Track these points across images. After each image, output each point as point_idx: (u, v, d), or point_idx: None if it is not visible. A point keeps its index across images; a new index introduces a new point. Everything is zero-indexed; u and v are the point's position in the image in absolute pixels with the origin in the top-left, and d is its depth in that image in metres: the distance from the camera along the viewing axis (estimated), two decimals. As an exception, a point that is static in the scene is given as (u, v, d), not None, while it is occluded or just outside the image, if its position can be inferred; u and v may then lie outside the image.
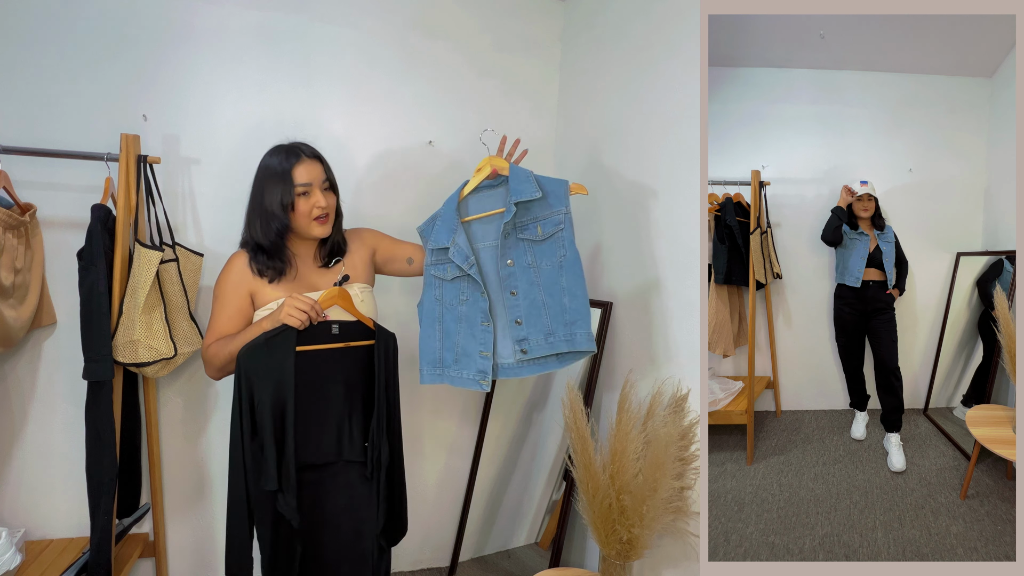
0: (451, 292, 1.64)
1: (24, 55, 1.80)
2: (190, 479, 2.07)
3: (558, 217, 1.59)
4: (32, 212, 1.70)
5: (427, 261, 1.67)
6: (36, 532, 1.89)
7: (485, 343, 1.60)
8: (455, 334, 1.64)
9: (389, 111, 2.23)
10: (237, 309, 1.59)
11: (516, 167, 1.63)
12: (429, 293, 1.67)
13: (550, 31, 2.49)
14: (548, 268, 1.58)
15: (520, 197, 1.56)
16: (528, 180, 1.59)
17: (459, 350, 1.63)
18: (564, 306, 1.57)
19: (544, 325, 1.58)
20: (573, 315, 1.57)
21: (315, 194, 1.56)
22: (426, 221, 1.69)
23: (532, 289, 1.58)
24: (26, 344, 1.85)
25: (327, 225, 1.60)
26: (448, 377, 1.65)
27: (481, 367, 1.59)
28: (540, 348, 1.59)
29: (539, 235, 1.58)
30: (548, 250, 1.59)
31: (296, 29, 2.08)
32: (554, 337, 1.58)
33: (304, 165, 1.56)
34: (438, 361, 1.65)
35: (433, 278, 1.65)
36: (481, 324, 1.60)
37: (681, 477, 1.56)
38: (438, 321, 1.64)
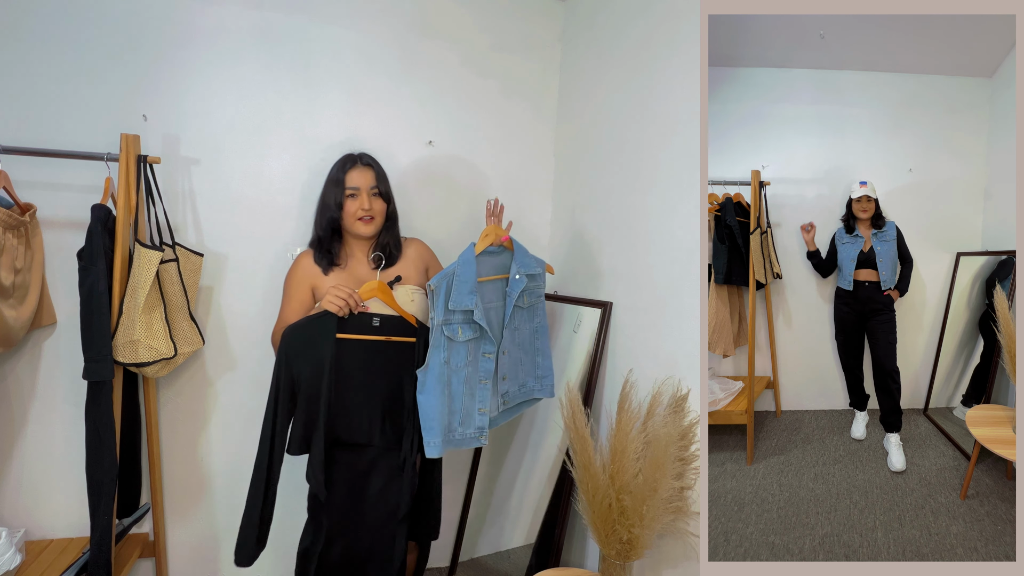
0: (459, 354, 1.66)
1: (24, 55, 1.80)
2: (190, 479, 2.07)
3: (540, 291, 1.84)
4: (32, 212, 1.70)
5: (438, 320, 1.62)
6: (36, 532, 1.89)
7: (483, 400, 1.69)
8: (461, 396, 1.67)
9: (389, 111, 2.23)
10: (300, 301, 1.78)
11: (516, 242, 1.81)
12: (437, 356, 1.63)
13: (550, 31, 2.49)
14: (527, 331, 1.83)
15: (529, 270, 1.77)
16: (528, 256, 1.80)
17: (464, 412, 1.67)
18: (537, 363, 1.87)
19: (519, 378, 1.82)
20: (543, 371, 1.88)
21: (362, 197, 1.77)
22: (438, 277, 1.63)
23: (514, 348, 1.79)
24: (26, 344, 1.85)
25: (370, 225, 1.79)
26: (453, 441, 1.68)
27: (480, 423, 1.69)
28: (516, 397, 1.81)
29: (524, 303, 1.79)
30: (528, 316, 1.83)
31: (296, 29, 2.08)
32: (525, 388, 1.84)
33: (356, 171, 1.79)
34: (447, 428, 1.65)
35: (445, 339, 1.62)
36: (480, 383, 1.69)
37: (681, 477, 1.56)
38: (447, 385, 1.64)
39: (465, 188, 2.37)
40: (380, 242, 1.84)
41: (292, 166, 2.11)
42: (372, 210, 1.78)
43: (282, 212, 2.10)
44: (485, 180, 2.42)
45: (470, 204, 2.39)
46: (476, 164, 2.39)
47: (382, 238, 1.84)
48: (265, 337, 2.10)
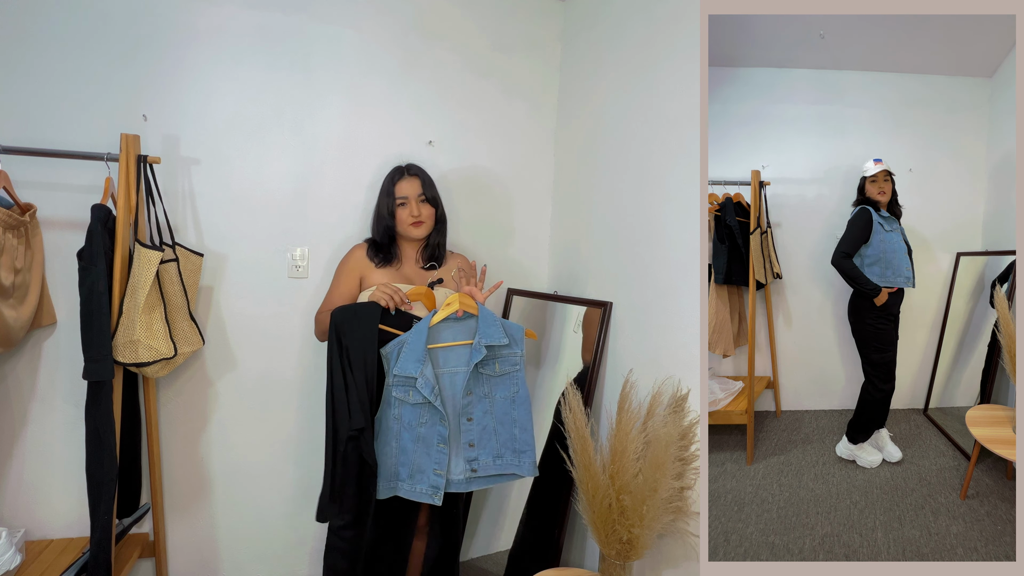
0: (411, 414, 1.71)
1: (25, 55, 1.79)
2: (190, 479, 2.07)
3: (515, 359, 1.80)
4: (32, 212, 1.70)
5: (389, 382, 1.72)
6: (36, 532, 1.89)
7: (440, 462, 1.71)
8: (412, 452, 1.72)
9: (389, 111, 2.23)
10: (348, 287, 1.93)
11: (484, 309, 1.78)
12: (389, 412, 1.72)
13: (550, 31, 2.49)
14: (501, 400, 1.79)
15: (491, 341, 1.73)
16: (496, 325, 1.77)
17: (414, 467, 1.72)
18: (515, 436, 1.79)
19: (493, 449, 1.78)
20: (523, 445, 1.79)
21: (411, 204, 1.93)
22: (391, 344, 1.72)
23: (486, 417, 1.76)
24: (26, 344, 1.85)
25: (421, 228, 1.95)
26: (402, 490, 1.72)
27: (434, 483, 1.71)
28: (489, 468, 1.77)
29: (496, 371, 1.77)
30: (502, 384, 1.79)
31: (296, 29, 2.08)
32: (502, 460, 1.78)
33: (405, 181, 1.95)
34: (393, 475, 1.72)
35: (394, 399, 1.71)
36: (437, 446, 1.71)
37: (681, 477, 1.56)
38: (395, 438, 1.71)
39: (465, 188, 2.37)
40: (430, 243, 2.00)
41: (292, 166, 2.11)
42: (421, 215, 1.94)
43: (282, 212, 2.10)
44: (485, 180, 2.42)
45: (470, 204, 2.39)
46: (476, 164, 2.39)
47: (432, 239, 2.00)
48: (265, 337, 2.10)
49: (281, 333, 2.12)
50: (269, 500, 2.16)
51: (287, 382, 2.14)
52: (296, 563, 2.24)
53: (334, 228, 2.16)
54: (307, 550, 2.24)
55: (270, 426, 2.14)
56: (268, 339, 2.11)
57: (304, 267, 2.13)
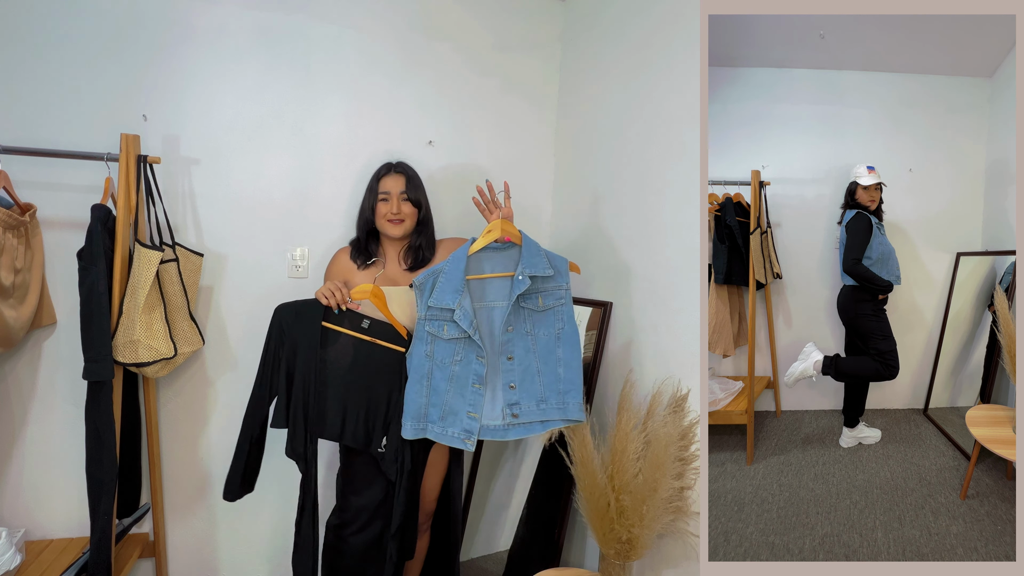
0: (444, 351, 1.63)
1: (24, 55, 1.79)
2: (190, 479, 2.07)
3: (560, 292, 1.68)
4: (32, 212, 1.70)
5: (421, 314, 1.63)
6: (36, 532, 1.89)
7: (474, 404, 1.62)
8: (444, 392, 1.63)
9: (389, 111, 2.23)
10: None
11: (528, 238, 1.69)
12: (420, 348, 1.64)
13: (550, 31, 2.49)
14: (545, 337, 1.67)
15: (535, 272, 1.64)
16: (539, 255, 1.66)
17: (446, 408, 1.63)
18: (559, 375, 1.66)
19: (536, 392, 1.65)
20: (567, 385, 1.65)
21: (392, 201, 1.88)
22: (425, 274, 1.65)
23: (528, 356, 1.65)
24: (26, 344, 1.85)
25: (399, 227, 1.88)
26: (431, 432, 1.64)
27: (467, 427, 1.62)
28: (531, 414, 1.65)
29: (539, 306, 1.66)
30: (546, 320, 1.67)
31: (296, 29, 2.08)
32: (546, 404, 1.65)
33: (389, 177, 1.91)
34: (422, 416, 1.64)
35: (427, 333, 1.62)
36: (472, 386, 1.62)
37: (681, 477, 1.56)
38: (427, 377, 1.63)
39: (465, 188, 2.37)
40: (412, 244, 1.94)
41: (292, 166, 2.10)
42: (401, 213, 1.88)
43: (282, 212, 2.10)
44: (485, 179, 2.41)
45: (469, 204, 2.38)
46: (476, 164, 2.39)
47: (414, 240, 1.94)
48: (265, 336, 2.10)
49: (281, 333, 2.12)
50: (269, 500, 2.16)
51: (287, 382, 2.14)
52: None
53: (334, 228, 2.16)
54: (307, 550, 2.24)
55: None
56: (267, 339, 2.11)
57: (304, 267, 2.13)
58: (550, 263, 1.67)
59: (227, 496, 1.75)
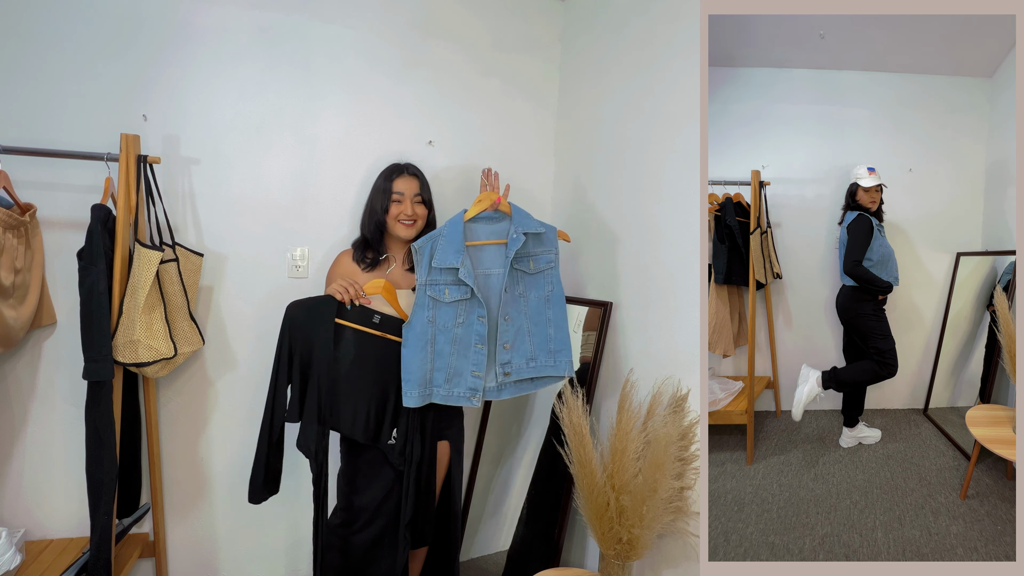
0: (447, 314, 1.67)
1: (24, 55, 1.79)
2: (190, 479, 2.07)
3: (549, 256, 1.79)
4: (32, 212, 1.70)
5: (422, 280, 1.66)
6: (36, 532, 1.89)
7: (478, 363, 1.68)
8: (448, 355, 1.68)
9: (389, 111, 2.23)
10: None
11: (516, 207, 1.77)
12: (421, 314, 1.67)
13: (550, 31, 2.49)
14: (536, 300, 1.76)
15: (528, 228, 1.72)
16: (529, 217, 1.75)
17: (451, 370, 1.67)
18: (549, 335, 1.76)
19: (527, 351, 1.74)
20: (558, 344, 1.76)
21: (406, 203, 1.90)
22: (424, 238, 1.69)
23: (520, 317, 1.74)
24: (26, 344, 1.85)
25: (411, 229, 1.91)
26: (438, 396, 1.69)
27: (472, 385, 1.68)
28: (521, 371, 1.73)
29: (531, 268, 1.75)
30: (537, 283, 1.77)
31: (296, 29, 2.08)
32: (535, 362, 1.74)
33: (402, 179, 1.92)
34: (427, 382, 1.68)
35: (429, 298, 1.66)
36: (475, 346, 1.68)
37: (681, 477, 1.56)
38: (430, 343, 1.67)
39: (465, 188, 2.37)
40: None
41: (292, 166, 2.11)
42: (415, 214, 1.91)
43: (282, 212, 2.10)
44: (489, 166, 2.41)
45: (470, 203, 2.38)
46: (476, 163, 2.39)
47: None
48: (265, 336, 2.10)
49: (281, 333, 2.12)
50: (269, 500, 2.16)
51: (287, 382, 2.14)
52: (296, 563, 2.24)
53: (334, 228, 2.16)
54: (307, 550, 2.24)
55: (270, 426, 2.14)
56: (268, 339, 2.10)
57: (304, 267, 2.13)
58: (541, 224, 1.77)
59: (251, 499, 1.75)
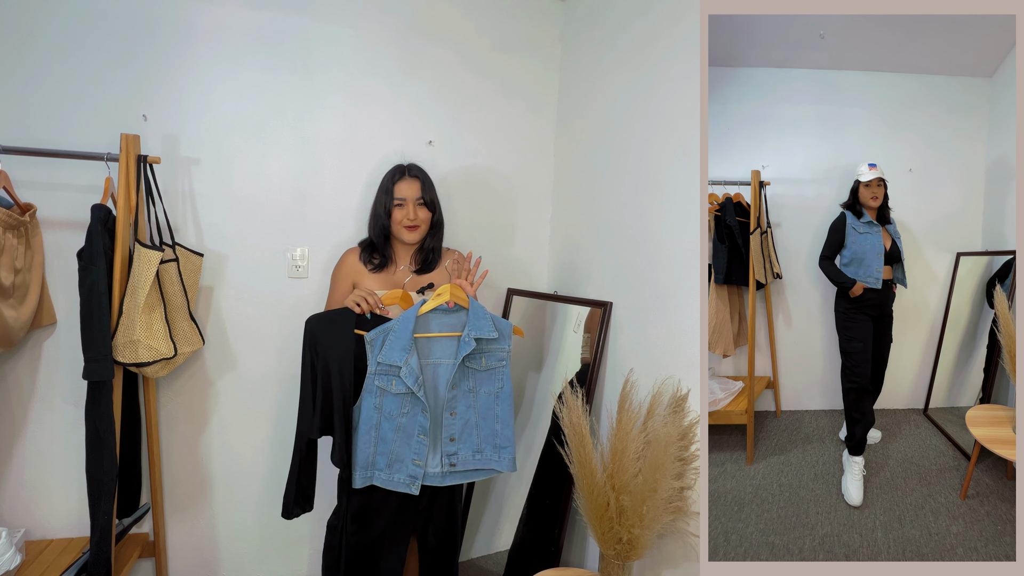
0: (393, 404, 1.70)
1: (25, 55, 1.80)
2: (190, 479, 2.07)
3: (502, 354, 1.79)
4: (32, 212, 1.70)
5: (372, 369, 1.69)
6: (36, 532, 1.89)
7: (419, 453, 1.71)
8: (391, 442, 1.71)
9: (389, 111, 2.23)
10: (342, 294, 1.91)
11: (475, 303, 1.76)
12: (369, 400, 1.70)
13: (550, 31, 2.49)
14: (485, 395, 1.78)
15: (480, 334, 1.72)
16: (486, 318, 1.75)
17: (393, 456, 1.71)
18: (496, 431, 1.79)
19: (474, 443, 1.77)
20: (504, 441, 1.79)
21: (408, 207, 1.89)
22: (376, 330, 1.70)
23: (468, 411, 1.76)
24: (26, 344, 1.85)
25: (415, 233, 1.91)
26: (379, 479, 1.72)
27: (412, 472, 1.71)
28: (467, 463, 1.77)
29: (482, 366, 1.76)
30: (487, 379, 1.78)
31: (296, 29, 2.08)
32: (481, 456, 1.78)
33: (404, 182, 1.91)
34: (369, 464, 1.71)
35: (376, 387, 1.69)
36: (418, 436, 1.71)
37: (681, 477, 1.56)
38: (375, 428, 1.70)
39: (464, 188, 2.37)
40: (424, 247, 1.97)
41: (292, 166, 2.11)
42: (417, 219, 1.90)
43: (282, 212, 2.10)
44: (485, 180, 2.42)
45: (469, 204, 2.39)
46: (476, 164, 2.39)
47: (426, 243, 1.97)
48: (265, 337, 2.10)
49: (281, 333, 2.12)
50: (269, 500, 2.16)
51: (287, 382, 2.14)
52: (296, 563, 2.24)
53: (334, 228, 2.16)
54: (307, 550, 2.24)
55: (270, 426, 2.14)
56: (268, 339, 2.11)
57: (304, 267, 2.13)
58: (495, 326, 1.75)
59: (284, 514, 1.74)
